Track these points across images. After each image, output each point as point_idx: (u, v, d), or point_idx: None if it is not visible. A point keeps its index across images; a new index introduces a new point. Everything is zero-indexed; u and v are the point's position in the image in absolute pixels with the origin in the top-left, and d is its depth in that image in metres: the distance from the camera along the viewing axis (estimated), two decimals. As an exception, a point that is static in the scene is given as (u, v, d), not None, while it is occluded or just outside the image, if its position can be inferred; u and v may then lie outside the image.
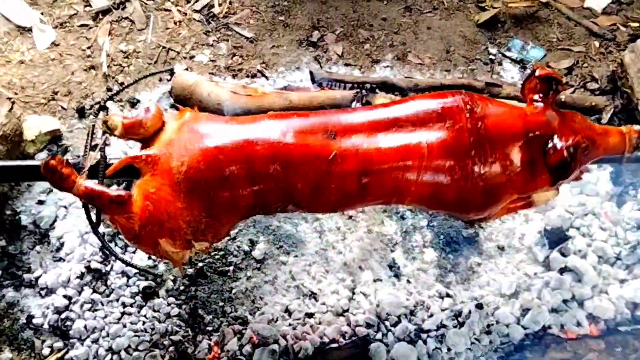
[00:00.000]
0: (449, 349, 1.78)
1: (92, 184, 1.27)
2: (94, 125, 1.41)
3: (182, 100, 2.09)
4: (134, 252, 1.90)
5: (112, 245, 1.90)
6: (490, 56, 2.44)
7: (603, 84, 2.36)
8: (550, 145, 1.32)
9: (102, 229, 1.91)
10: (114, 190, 1.25)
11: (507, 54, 2.45)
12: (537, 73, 1.39)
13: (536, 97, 1.40)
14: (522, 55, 2.44)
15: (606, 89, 2.34)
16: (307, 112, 1.41)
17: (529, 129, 1.34)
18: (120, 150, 2.05)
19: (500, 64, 2.43)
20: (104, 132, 1.35)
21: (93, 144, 1.39)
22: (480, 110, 1.33)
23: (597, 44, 2.49)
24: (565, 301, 1.86)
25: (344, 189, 1.30)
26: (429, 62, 2.42)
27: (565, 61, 2.44)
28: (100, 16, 2.42)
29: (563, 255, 1.93)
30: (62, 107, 2.20)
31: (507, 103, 1.52)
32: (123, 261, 1.40)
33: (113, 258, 1.88)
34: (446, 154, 1.30)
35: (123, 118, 1.31)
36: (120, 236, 1.92)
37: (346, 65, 2.38)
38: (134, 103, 2.22)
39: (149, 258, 1.89)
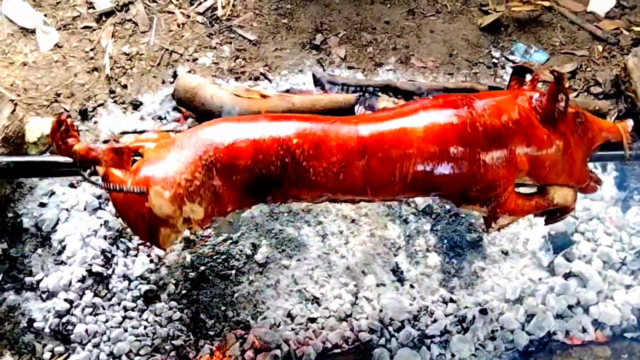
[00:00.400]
0: (453, 355, 1.77)
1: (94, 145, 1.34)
2: (106, 140, 1.46)
3: (185, 102, 2.08)
4: (135, 256, 1.90)
5: (114, 248, 1.90)
6: (494, 60, 2.44)
7: (607, 88, 2.35)
8: (537, 95, 1.41)
9: (104, 232, 1.91)
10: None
11: (511, 57, 2.44)
12: (511, 65, 1.49)
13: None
14: (526, 59, 2.44)
15: (610, 93, 2.34)
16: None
17: (518, 93, 1.44)
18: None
19: (503, 67, 2.42)
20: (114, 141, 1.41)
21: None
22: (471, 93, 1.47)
23: (600, 48, 2.49)
24: (570, 307, 1.85)
25: (345, 149, 1.33)
26: (432, 65, 2.41)
27: (568, 65, 2.43)
28: (104, 18, 2.42)
29: (568, 260, 1.92)
30: (65, 109, 2.19)
31: None
32: (108, 189, 1.36)
33: (114, 261, 1.87)
34: (443, 116, 1.37)
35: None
36: (122, 239, 1.92)
37: (349, 68, 2.37)
38: (136, 105, 2.22)
39: (151, 262, 1.88)
